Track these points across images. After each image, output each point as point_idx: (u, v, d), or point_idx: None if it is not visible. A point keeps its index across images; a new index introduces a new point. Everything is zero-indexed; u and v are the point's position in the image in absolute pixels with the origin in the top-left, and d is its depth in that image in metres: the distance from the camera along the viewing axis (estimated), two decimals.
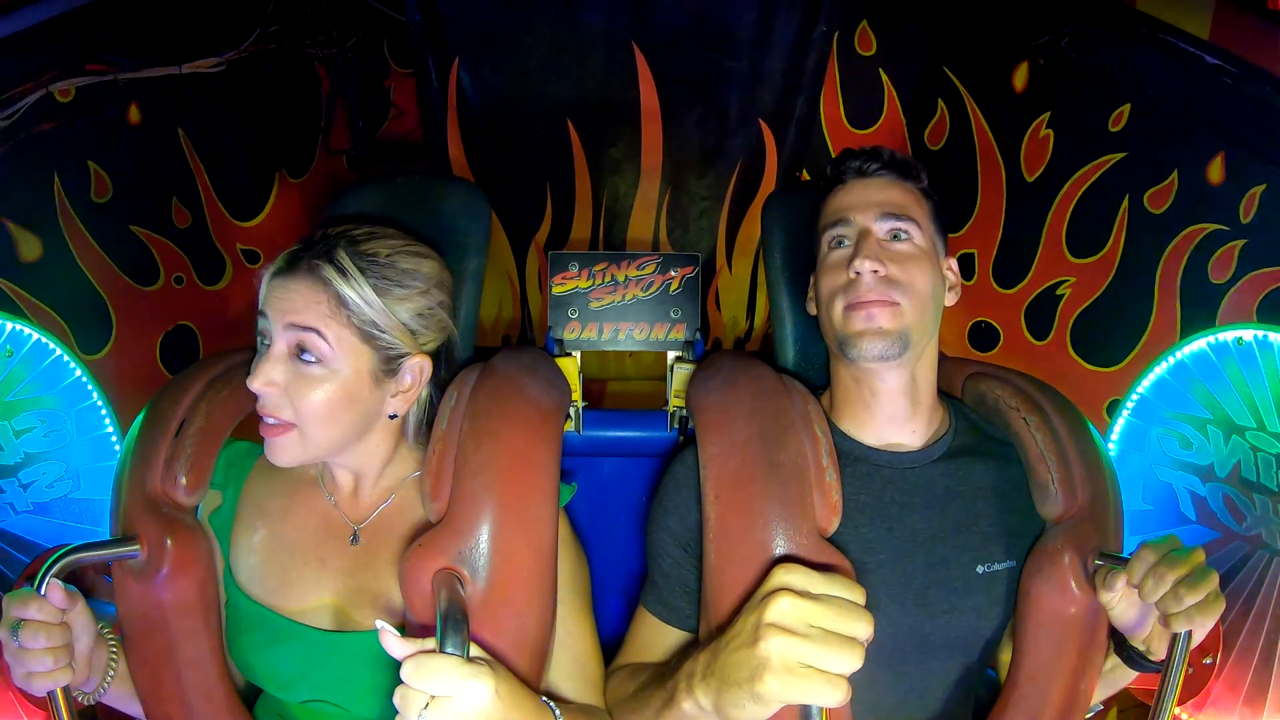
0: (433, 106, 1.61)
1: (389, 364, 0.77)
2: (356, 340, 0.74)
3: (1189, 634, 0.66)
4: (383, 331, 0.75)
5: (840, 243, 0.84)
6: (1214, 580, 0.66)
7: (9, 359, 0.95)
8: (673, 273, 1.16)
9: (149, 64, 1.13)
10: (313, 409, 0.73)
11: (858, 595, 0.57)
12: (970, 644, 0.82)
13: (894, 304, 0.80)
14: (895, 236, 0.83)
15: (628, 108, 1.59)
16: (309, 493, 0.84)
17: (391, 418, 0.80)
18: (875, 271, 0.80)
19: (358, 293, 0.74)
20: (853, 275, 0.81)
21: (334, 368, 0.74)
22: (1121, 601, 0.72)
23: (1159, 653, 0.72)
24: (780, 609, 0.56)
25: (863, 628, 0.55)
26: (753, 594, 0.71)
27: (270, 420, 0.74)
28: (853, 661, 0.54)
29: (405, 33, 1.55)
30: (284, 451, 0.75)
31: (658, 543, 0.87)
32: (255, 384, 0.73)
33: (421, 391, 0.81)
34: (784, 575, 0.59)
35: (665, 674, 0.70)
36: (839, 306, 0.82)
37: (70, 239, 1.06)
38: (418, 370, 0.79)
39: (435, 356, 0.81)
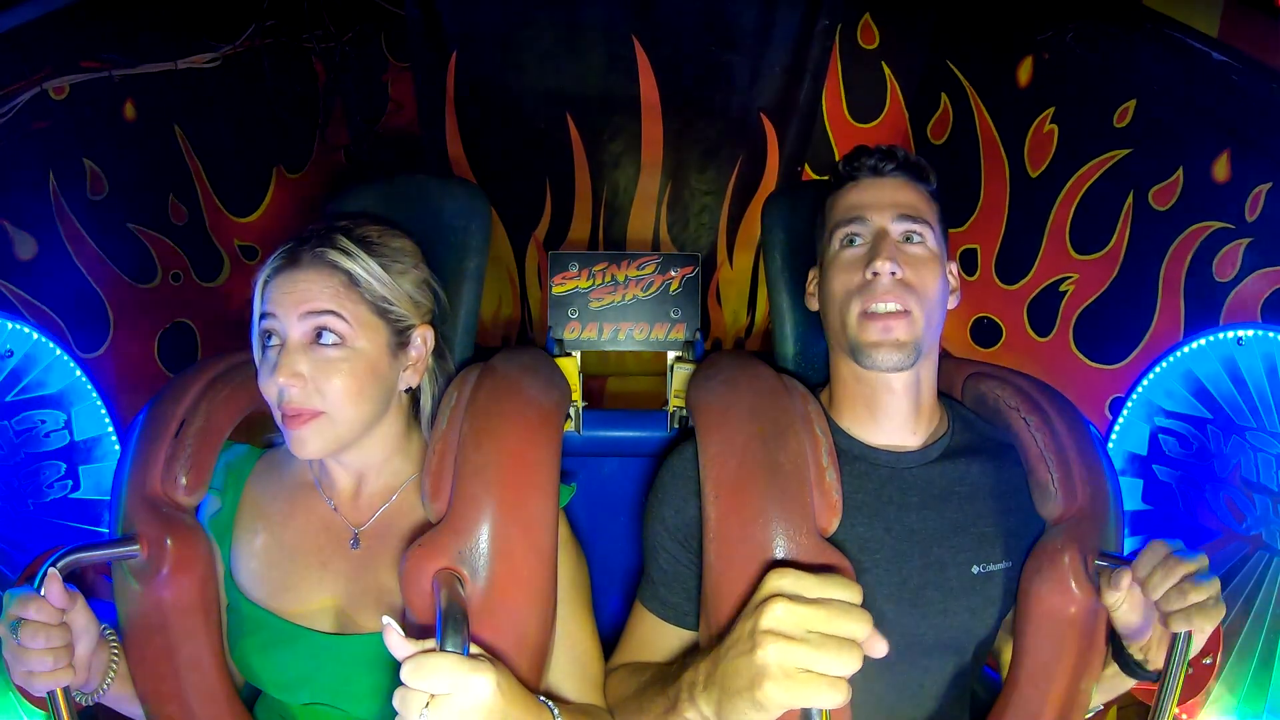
0: (430, 101, 1.60)
1: (400, 336, 0.80)
2: (371, 315, 0.77)
3: (1189, 636, 0.66)
4: (392, 304, 0.78)
5: (853, 241, 0.83)
6: (1216, 586, 0.66)
7: (9, 359, 0.95)
8: (673, 273, 1.16)
9: (144, 60, 1.12)
10: (341, 390, 0.74)
11: (854, 595, 0.57)
12: (964, 644, 0.82)
13: (907, 313, 0.79)
14: (909, 239, 0.82)
15: (628, 102, 1.58)
16: (308, 497, 0.84)
17: (406, 392, 0.82)
18: (893, 274, 0.79)
19: (366, 269, 0.77)
20: (869, 276, 0.80)
21: (356, 346, 0.75)
22: (1125, 604, 0.72)
23: (1157, 662, 0.73)
24: (775, 615, 0.55)
25: (860, 628, 0.55)
26: (752, 591, 0.71)
27: (293, 413, 0.73)
28: (851, 663, 0.54)
29: (403, 26, 1.53)
30: (312, 439, 0.74)
31: (654, 538, 0.87)
32: (281, 379, 0.72)
33: (429, 361, 0.83)
34: (777, 580, 0.58)
35: (667, 679, 0.70)
36: (854, 310, 0.81)
37: (66, 237, 1.05)
38: (424, 340, 0.82)
39: (433, 325, 0.84)
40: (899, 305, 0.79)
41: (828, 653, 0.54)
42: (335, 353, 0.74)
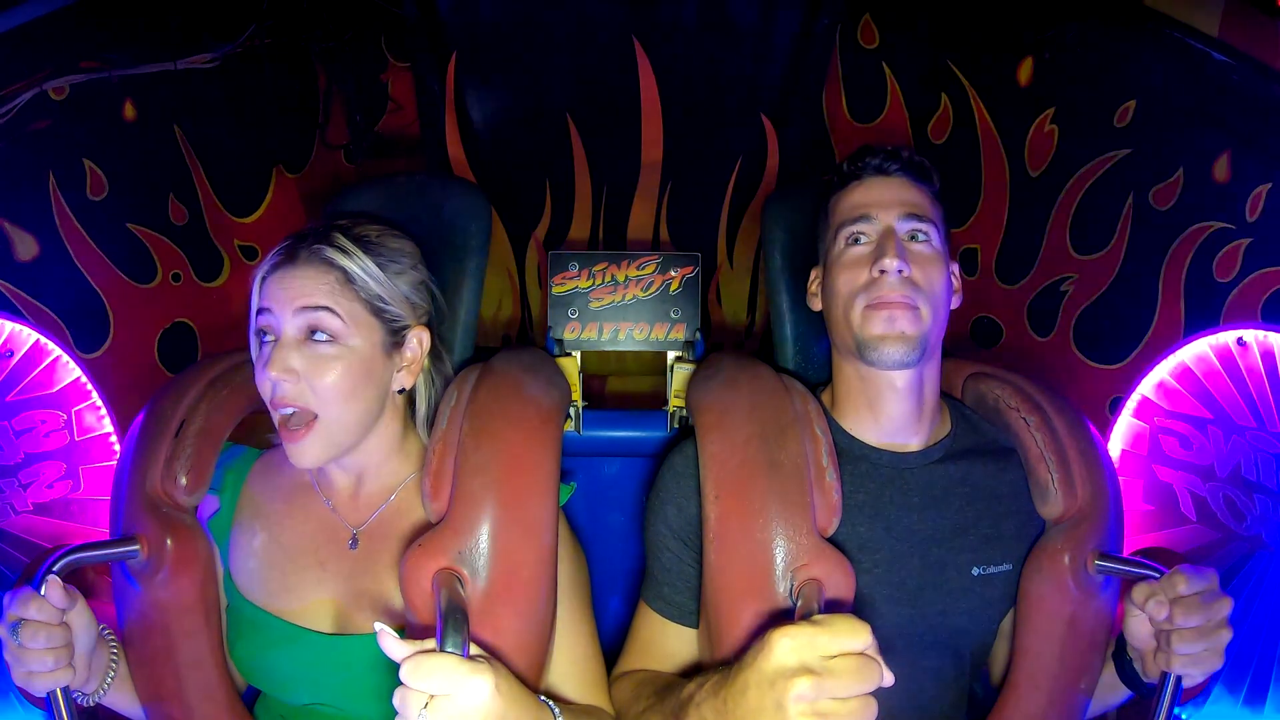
0: (430, 101, 1.60)
1: (395, 336, 0.80)
2: (366, 314, 0.77)
3: (1179, 677, 0.67)
4: (388, 303, 0.78)
5: (858, 239, 0.83)
6: (1221, 639, 0.66)
7: (9, 359, 0.95)
8: (673, 272, 1.16)
9: (143, 61, 1.12)
10: (333, 388, 0.74)
11: (863, 639, 0.55)
12: (962, 645, 0.82)
13: (914, 307, 0.79)
14: (914, 237, 0.82)
15: (628, 101, 1.58)
16: (306, 497, 0.84)
17: (400, 393, 0.82)
18: (900, 271, 0.79)
19: (362, 267, 0.77)
20: (876, 274, 0.80)
21: (349, 344, 0.75)
22: (1135, 619, 0.72)
23: (1151, 674, 0.73)
24: (803, 695, 0.54)
25: (874, 678, 0.54)
26: (751, 591, 0.71)
27: (287, 410, 0.74)
28: (871, 713, 0.54)
29: (402, 26, 1.53)
30: (310, 449, 0.75)
31: (656, 537, 0.87)
32: (273, 373, 0.72)
33: (425, 362, 0.83)
34: (788, 649, 0.55)
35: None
36: (859, 306, 0.81)
37: (66, 238, 1.05)
38: (419, 341, 0.82)
39: (429, 327, 0.84)
40: (906, 299, 0.79)
41: (853, 713, 0.54)
42: (328, 349, 0.74)
